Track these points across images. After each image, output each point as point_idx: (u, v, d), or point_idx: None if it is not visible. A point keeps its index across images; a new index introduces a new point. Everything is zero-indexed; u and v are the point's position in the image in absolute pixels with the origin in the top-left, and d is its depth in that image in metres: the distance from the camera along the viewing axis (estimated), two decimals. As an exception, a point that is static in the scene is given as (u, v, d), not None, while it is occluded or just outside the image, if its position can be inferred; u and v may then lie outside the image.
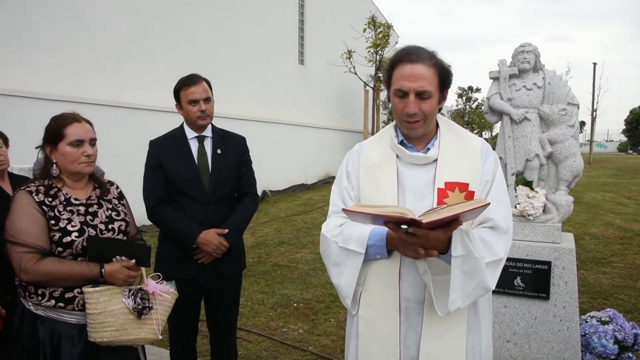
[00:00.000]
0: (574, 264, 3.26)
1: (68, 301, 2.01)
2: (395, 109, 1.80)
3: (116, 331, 1.99)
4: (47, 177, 2.09)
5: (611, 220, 8.21)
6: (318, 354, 3.96)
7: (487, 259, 1.65)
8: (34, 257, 1.93)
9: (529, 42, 3.58)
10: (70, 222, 2.02)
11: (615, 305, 4.68)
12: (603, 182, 13.18)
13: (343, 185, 1.95)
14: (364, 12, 15.65)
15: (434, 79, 1.74)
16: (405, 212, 1.50)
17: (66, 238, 1.99)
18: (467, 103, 42.17)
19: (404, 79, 1.72)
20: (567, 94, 3.48)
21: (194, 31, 10.44)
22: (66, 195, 2.09)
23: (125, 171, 5.26)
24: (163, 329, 2.18)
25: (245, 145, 2.95)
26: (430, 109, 1.75)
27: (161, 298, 2.14)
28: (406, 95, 1.73)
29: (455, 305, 1.64)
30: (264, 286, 5.71)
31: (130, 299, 2.03)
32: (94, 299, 1.96)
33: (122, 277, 2.05)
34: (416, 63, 1.72)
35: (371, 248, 1.76)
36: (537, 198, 3.40)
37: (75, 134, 2.06)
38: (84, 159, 2.08)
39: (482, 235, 1.69)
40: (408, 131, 1.81)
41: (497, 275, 1.71)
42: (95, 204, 2.16)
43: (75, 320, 2.02)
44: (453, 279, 1.61)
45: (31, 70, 7.37)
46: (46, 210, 1.99)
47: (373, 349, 1.83)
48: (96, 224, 2.10)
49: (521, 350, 3.36)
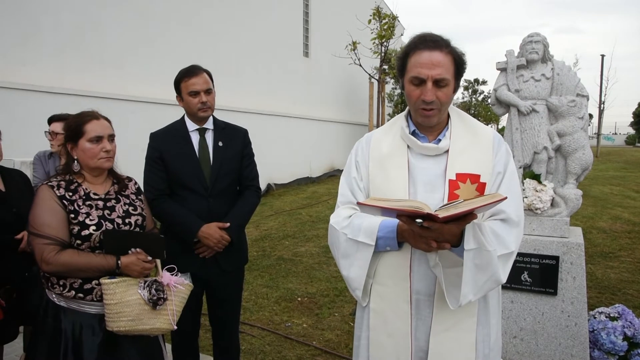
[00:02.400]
0: (582, 258, 3.20)
1: (87, 292, 2.10)
2: (410, 97, 1.76)
3: (132, 321, 2.06)
4: (68, 172, 2.20)
5: (619, 214, 8.13)
6: (322, 348, 3.92)
7: (499, 252, 1.63)
8: (55, 248, 2.02)
9: (538, 32, 3.50)
10: (89, 216, 2.11)
11: (623, 301, 4.62)
12: (611, 176, 13.08)
13: (352, 176, 1.92)
14: (369, 3, 15.50)
15: (451, 67, 1.71)
16: (421, 206, 1.48)
17: (84, 231, 2.08)
18: (473, 96, 41.92)
19: (421, 67, 1.69)
20: (577, 85, 3.41)
21: (198, 23, 10.37)
22: (86, 190, 2.18)
23: (129, 164, 5.23)
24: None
25: (247, 138, 2.90)
26: (446, 97, 1.72)
27: (176, 290, 2.20)
28: (423, 83, 1.70)
29: (467, 299, 1.63)
30: (268, 280, 5.68)
31: (145, 290, 2.09)
32: (111, 290, 2.03)
33: (138, 268, 2.11)
34: (434, 50, 1.69)
35: (381, 240, 1.74)
36: (545, 192, 3.33)
37: (94, 130, 2.16)
38: (103, 154, 2.17)
39: (494, 228, 1.67)
40: (422, 120, 1.77)
41: (509, 268, 1.70)
42: (113, 199, 2.24)
43: (95, 310, 2.11)
44: (465, 272, 1.60)
45: (36, 65, 7.35)
46: (66, 204, 2.09)
47: (384, 341, 1.82)
48: (113, 218, 2.18)
49: (528, 346, 3.31)
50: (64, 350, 2.05)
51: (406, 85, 1.77)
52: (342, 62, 15.10)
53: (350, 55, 14.64)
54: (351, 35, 14.49)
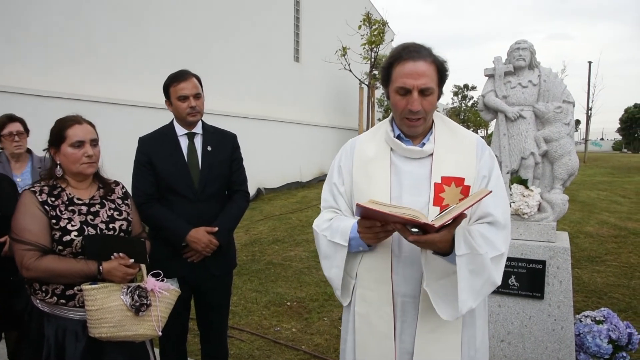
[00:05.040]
0: (568, 263, 3.23)
1: (69, 298, 2.08)
2: (396, 107, 1.79)
3: (114, 327, 2.03)
4: (51, 177, 2.17)
5: (606, 219, 8.21)
6: (311, 353, 3.92)
7: (490, 254, 1.66)
8: (35, 254, 2.01)
9: (525, 39, 3.55)
10: (71, 221, 2.09)
11: (609, 304, 4.66)
12: (598, 181, 13.21)
13: (333, 182, 1.98)
14: (359, 9, 15.59)
15: (435, 75, 1.76)
16: (418, 215, 1.52)
17: (66, 237, 2.06)
18: (462, 101, 42.19)
19: (406, 77, 1.73)
20: (563, 92, 3.45)
21: (188, 27, 10.35)
22: (69, 195, 2.16)
23: (117, 168, 5.19)
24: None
25: (236, 142, 2.90)
26: (431, 106, 1.77)
27: (161, 295, 2.17)
28: (409, 93, 1.73)
29: (467, 305, 1.65)
30: (258, 284, 5.67)
31: (128, 296, 2.07)
32: (92, 296, 2.01)
33: (120, 274, 2.09)
34: (417, 60, 1.73)
35: (353, 240, 1.79)
36: (532, 197, 3.36)
37: (76, 135, 2.13)
38: (85, 159, 2.15)
39: (482, 231, 1.70)
40: (408, 129, 1.82)
41: (502, 269, 1.73)
42: (98, 204, 2.22)
43: (78, 316, 2.09)
44: (460, 280, 1.62)
45: (22, 67, 7.27)
46: (48, 210, 2.07)
47: (369, 343, 1.85)
48: (97, 223, 2.16)
49: (515, 350, 3.33)
50: (46, 356, 2.04)
51: (392, 95, 1.80)
52: (333, 67, 15.15)
53: (341, 61, 14.71)
54: (341, 40, 14.56)
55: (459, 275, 1.62)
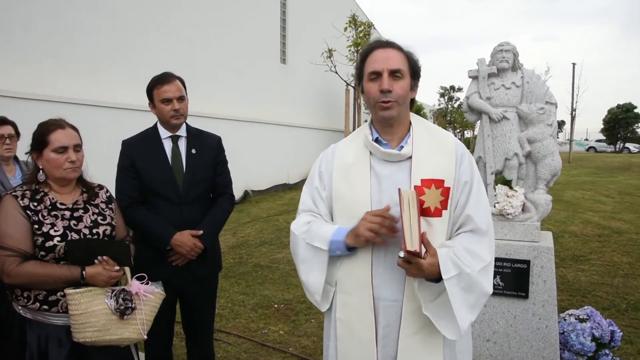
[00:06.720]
0: (552, 262, 3.27)
1: (52, 304, 2.06)
2: (369, 95, 1.81)
3: (98, 331, 2.01)
4: (34, 182, 2.14)
5: (590, 218, 8.32)
6: (298, 355, 3.92)
7: (477, 268, 1.68)
8: (16, 260, 1.97)
9: (508, 41, 3.58)
10: (54, 226, 2.06)
11: (593, 303, 4.72)
12: (582, 181, 13.35)
13: (314, 186, 1.96)
14: (345, 11, 15.60)
15: (405, 63, 1.80)
16: (415, 236, 1.59)
17: (48, 242, 2.03)
18: (449, 102, 42.48)
19: (376, 62, 1.78)
20: (546, 93, 3.49)
21: (174, 29, 10.29)
22: (52, 200, 2.13)
23: (101, 171, 5.14)
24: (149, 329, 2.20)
25: (220, 145, 2.89)
26: (402, 90, 1.77)
27: (145, 298, 2.15)
28: (380, 76, 1.76)
29: (467, 321, 1.67)
30: (245, 287, 5.65)
31: (112, 300, 2.05)
32: (75, 300, 1.99)
33: (104, 278, 2.06)
34: (387, 48, 1.79)
35: (333, 244, 1.78)
36: (516, 197, 3.40)
37: (59, 140, 2.10)
38: (68, 165, 2.11)
39: (465, 245, 1.71)
40: (382, 113, 1.79)
41: (491, 277, 1.75)
42: (82, 209, 2.19)
43: (61, 322, 2.06)
44: (453, 299, 1.64)
45: (6, 69, 7.18)
46: (30, 215, 2.04)
47: (351, 350, 1.83)
48: (80, 228, 2.13)
49: (501, 349, 3.36)
50: None
51: (365, 85, 1.82)
52: (319, 69, 15.15)
53: (327, 63, 14.71)
54: (327, 42, 14.57)
55: (450, 296, 1.63)
